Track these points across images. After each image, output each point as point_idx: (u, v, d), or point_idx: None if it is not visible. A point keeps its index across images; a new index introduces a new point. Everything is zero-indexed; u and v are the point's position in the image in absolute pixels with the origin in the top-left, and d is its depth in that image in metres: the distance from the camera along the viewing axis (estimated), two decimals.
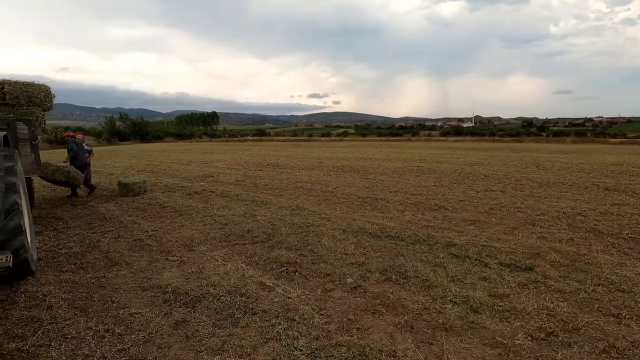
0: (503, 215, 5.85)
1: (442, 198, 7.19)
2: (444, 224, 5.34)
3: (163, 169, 14.18)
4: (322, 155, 20.18)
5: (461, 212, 6.07)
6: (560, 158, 15.38)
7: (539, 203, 6.57)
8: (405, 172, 11.32)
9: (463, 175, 10.31)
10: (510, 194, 7.50)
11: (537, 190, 7.85)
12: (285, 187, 8.96)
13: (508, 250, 4.19)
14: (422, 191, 7.95)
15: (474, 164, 13.34)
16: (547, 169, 11.45)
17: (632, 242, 4.45)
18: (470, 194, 7.51)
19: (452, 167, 12.13)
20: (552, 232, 4.89)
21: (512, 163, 13.26)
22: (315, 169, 12.93)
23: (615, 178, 9.23)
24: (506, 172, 10.81)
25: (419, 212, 6.13)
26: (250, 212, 6.31)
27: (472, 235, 4.79)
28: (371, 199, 7.22)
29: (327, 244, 4.48)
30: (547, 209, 6.09)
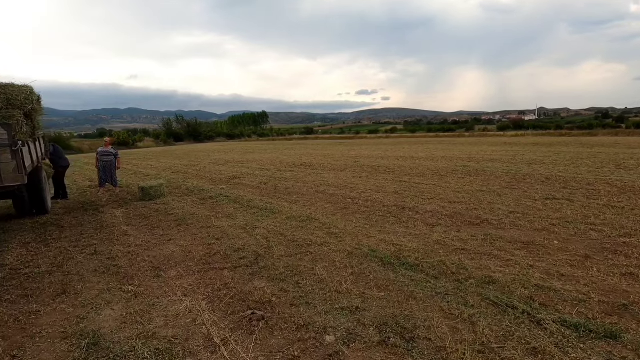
0: (569, 235, 4.41)
1: (488, 208, 5.82)
2: (484, 247, 4.08)
3: (198, 170, 14.12)
4: (362, 154, 19.05)
5: (510, 230, 4.72)
6: None
7: (621, 218, 4.96)
8: (449, 173, 9.87)
9: (518, 177, 8.64)
10: (580, 203, 5.88)
11: (617, 198, 6.11)
12: (306, 191, 8.09)
13: (576, 296, 2.89)
14: (464, 198, 6.59)
15: (534, 162, 11.37)
16: (631, 168, 9.27)
17: None
18: (525, 203, 6.02)
19: (505, 167, 10.39)
20: None
21: (583, 161, 11.08)
22: (347, 169, 11.92)
23: None
24: (575, 173, 8.90)
25: (454, 227, 4.89)
26: (252, 223, 5.52)
27: (522, 266, 3.52)
28: (398, 209, 6.07)
29: (321, 273, 3.51)
30: (634, 227, 4.51)
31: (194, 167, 15.16)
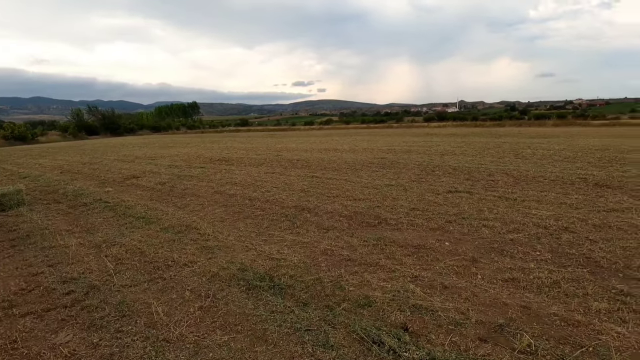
0: (462, 233, 4.16)
1: (390, 205, 5.47)
2: (372, 255, 3.62)
3: (95, 168, 12.19)
4: (288, 146, 18.34)
5: (406, 230, 4.37)
6: (541, 144, 13.88)
7: (512, 211, 4.91)
8: (364, 166, 9.59)
9: (429, 169, 8.63)
10: (478, 196, 5.83)
11: (512, 189, 6.21)
12: (205, 192, 7.13)
13: (453, 317, 2.49)
14: (369, 195, 6.22)
15: (446, 153, 11.69)
16: (527, 157, 9.87)
17: None
18: (427, 198, 5.81)
19: (419, 159, 10.45)
20: (528, 267, 3.22)
21: (489, 151, 11.66)
22: (265, 164, 11.11)
23: (605, 168, 7.68)
24: (479, 163, 9.18)
25: (348, 231, 4.40)
26: (113, 239, 4.48)
27: (406, 278, 3.09)
28: (296, 210, 5.46)
29: (159, 311, 2.70)
30: (522, 222, 4.44)
31: (93, 165, 13.13)
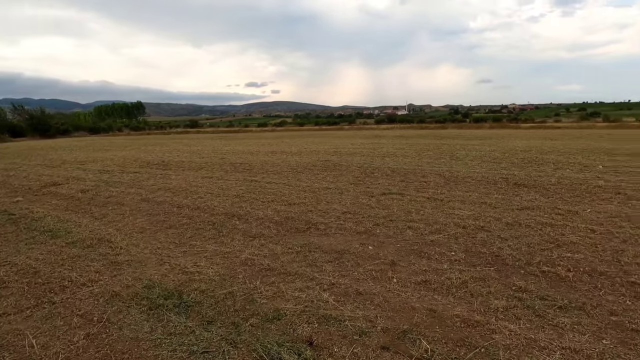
0: (387, 236, 4.21)
1: (324, 209, 5.43)
2: (294, 264, 3.51)
3: (11, 175, 10.83)
4: (235, 149, 17.80)
5: (334, 235, 4.33)
6: (475, 145, 14.82)
7: (437, 212, 5.09)
8: (307, 169, 9.52)
9: (369, 171, 8.77)
10: (409, 197, 5.99)
11: (442, 190, 6.47)
12: (130, 200, 6.59)
13: (360, 326, 2.45)
14: (305, 199, 6.14)
15: (388, 155, 12.02)
16: (460, 158, 10.44)
17: (545, 280, 3.00)
18: (361, 201, 5.86)
19: (362, 161, 10.62)
20: (442, 268, 3.31)
21: (427, 153, 12.18)
22: (205, 168, 10.62)
23: (524, 168, 8.33)
24: (417, 164, 9.53)
25: (275, 238, 4.26)
26: (5, 257, 3.92)
27: (322, 286, 3.02)
28: (226, 217, 5.21)
29: (34, 343, 2.36)
30: (445, 222, 4.60)
31: (8, 172, 11.68)
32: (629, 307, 2.57)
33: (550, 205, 5.17)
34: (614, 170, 7.74)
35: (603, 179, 6.79)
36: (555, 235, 3.98)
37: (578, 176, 7.18)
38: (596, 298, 2.70)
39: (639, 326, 2.34)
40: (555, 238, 3.91)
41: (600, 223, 4.33)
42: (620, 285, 2.88)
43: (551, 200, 5.49)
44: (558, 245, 3.71)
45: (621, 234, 3.95)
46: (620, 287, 2.85)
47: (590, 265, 3.23)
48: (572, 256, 3.43)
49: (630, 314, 2.47)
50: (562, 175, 7.38)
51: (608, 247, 3.60)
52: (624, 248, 3.57)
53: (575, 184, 6.46)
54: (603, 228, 4.14)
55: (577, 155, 10.49)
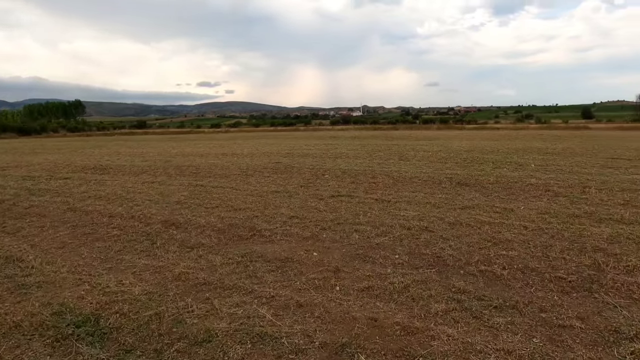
0: (334, 240, 4.11)
1: (271, 214, 5.22)
2: (233, 276, 3.28)
3: None
4: (184, 151, 16.90)
5: (279, 242, 4.14)
6: (424, 145, 15.41)
7: (384, 213, 5.10)
8: (257, 171, 9.23)
9: (319, 173, 8.69)
10: (358, 199, 5.98)
11: (390, 190, 6.55)
12: (53, 210, 5.89)
13: (298, 342, 2.29)
14: (252, 203, 5.88)
15: (340, 156, 12.07)
16: (409, 159, 10.75)
17: (483, 280, 3.07)
18: (310, 205, 5.73)
19: (314, 162, 10.53)
20: (385, 272, 3.26)
21: (378, 154, 12.41)
22: (148, 172, 9.89)
23: (467, 168, 8.74)
24: (368, 165, 9.63)
25: (215, 248, 3.98)
26: None
27: (261, 299, 2.82)
28: (163, 227, 4.81)
29: None
30: (391, 224, 4.61)
31: None
32: (557, 302, 2.67)
33: (489, 204, 5.41)
34: (544, 169, 8.36)
35: (535, 177, 7.29)
36: (493, 234, 4.13)
37: (514, 174, 7.66)
38: (528, 295, 2.79)
39: (565, 322, 2.42)
40: (492, 236, 4.05)
41: (532, 220, 4.59)
42: (549, 280, 3.01)
43: (490, 198, 5.75)
44: (495, 244, 3.84)
45: (550, 229, 4.20)
46: (549, 282, 2.98)
47: (523, 262, 3.36)
48: (507, 254, 3.56)
49: (558, 310, 2.57)
50: (500, 174, 7.82)
51: (539, 243, 3.79)
52: (552, 243, 3.77)
53: (511, 182, 6.86)
54: (534, 225, 4.38)
55: (513, 154, 11.26)
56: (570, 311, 2.55)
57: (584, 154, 10.98)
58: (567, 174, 7.57)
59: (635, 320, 2.42)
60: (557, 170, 8.08)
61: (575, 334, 2.30)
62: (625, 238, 3.84)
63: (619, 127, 31.81)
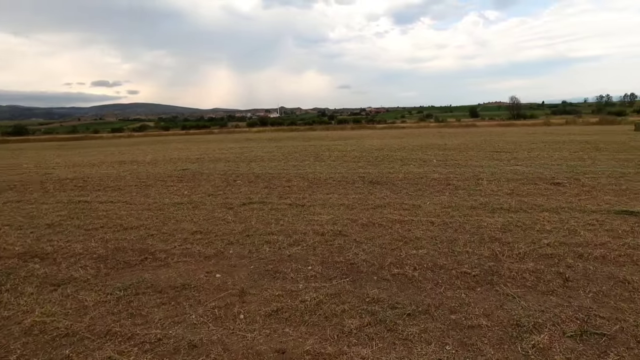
0: (241, 256, 3.67)
1: (169, 232, 4.53)
2: (109, 318, 2.62)
3: None
4: (71, 160, 14.48)
5: (176, 265, 3.55)
6: (338, 145, 15.74)
7: (298, 219, 4.83)
8: (159, 180, 8.20)
9: (231, 179, 8.09)
10: (270, 205, 5.60)
11: (304, 194, 6.32)
12: None
13: None
14: (148, 219, 5.08)
15: (255, 159, 11.55)
16: (324, 159, 10.76)
17: (396, 284, 2.96)
18: (217, 215, 5.17)
19: (226, 168, 9.84)
20: (297, 288, 2.95)
21: (294, 155, 12.22)
22: (15, 189, 8.06)
23: (378, 166, 9.05)
24: (283, 168, 9.32)
25: (94, 280, 3.22)
26: None
27: (144, 344, 2.26)
28: (24, 259, 3.79)
29: None
30: (304, 231, 4.34)
31: None
32: (464, 300, 2.67)
33: (399, 201, 5.53)
34: (444, 163, 9.08)
35: (437, 172, 7.82)
36: (403, 232, 4.15)
37: (419, 170, 8.11)
38: (438, 297, 2.75)
39: (473, 321, 2.40)
40: (403, 235, 4.06)
41: (438, 214, 4.77)
42: (456, 277, 3.04)
43: (399, 196, 5.91)
44: (406, 242, 3.83)
45: (453, 223, 4.39)
46: (456, 279, 3.00)
47: (432, 260, 3.37)
48: (417, 252, 3.56)
49: (466, 309, 2.56)
50: (408, 170, 8.23)
51: (445, 238, 3.90)
52: (456, 237, 3.92)
53: (417, 178, 7.22)
54: (440, 219, 4.55)
55: (418, 151, 12.10)
56: (477, 309, 2.55)
57: (474, 149, 12.33)
58: (463, 168, 8.29)
59: (532, 309, 2.51)
60: (455, 165, 8.82)
61: (483, 333, 2.28)
62: (515, 226, 4.18)
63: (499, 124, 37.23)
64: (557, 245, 3.58)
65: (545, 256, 3.36)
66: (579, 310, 2.49)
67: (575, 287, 2.81)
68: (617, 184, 6.05)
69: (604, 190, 5.71)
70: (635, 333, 2.22)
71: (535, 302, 2.61)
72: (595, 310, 2.47)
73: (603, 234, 3.83)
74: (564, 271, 3.05)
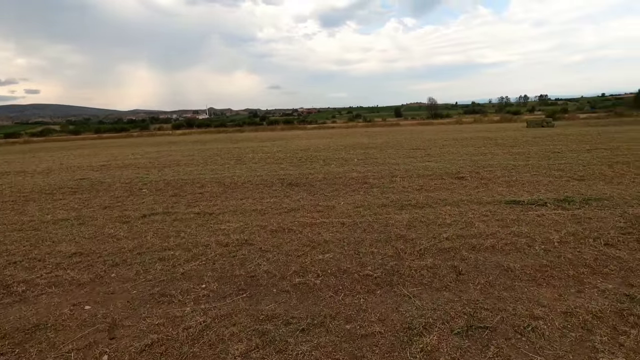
0: (125, 279, 3.16)
1: (40, 256, 3.77)
2: None
3: None
4: None
5: (37, 297, 2.91)
6: (265, 147, 15.36)
7: (203, 230, 4.40)
8: (47, 193, 7.02)
9: (137, 187, 7.25)
10: (175, 216, 5.07)
11: (216, 200, 5.87)
12: None
13: None
14: (15, 242, 4.20)
15: (171, 164, 10.63)
16: (246, 162, 10.31)
17: (296, 295, 2.76)
18: (107, 232, 4.49)
19: (133, 175, 8.85)
20: (181, 314, 2.57)
21: (215, 159, 11.54)
22: None
23: (300, 167, 8.91)
24: (199, 173, 8.68)
25: None
26: None
27: None
28: None
29: None
30: (207, 242, 3.95)
31: None
32: (362, 306, 2.57)
33: (314, 203, 5.40)
34: (364, 162, 9.28)
35: (356, 171, 7.93)
36: (313, 236, 3.99)
37: (339, 170, 8.15)
38: (336, 305, 2.61)
39: (367, 329, 2.30)
40: (312, 239, 3.90)
41: (349, 214, 4.73)
42: (357, 281, 2.94)
43: (315, 197, 5.79)
44: (313, 247, 3.68)
45: (363, 222, 4.37)
46: (357, 284, 2.91)
47: (337, 264, 3.25)
48: (323, 257, 3.42)
49: (362, 316, 2.45)
50: (328, 170, 8.21)
51: (352, 240, 3.83)
52: (364, 237, 3.87)
53: (336, 178, 7.21)
54: (351, 220, 4.50)
55: (342, 151, 12.28)
56: (373, 314, 2.46)
57: (394, 147, 12.91)
58: (381, 166, 8.54)
59: (425, 308, 2.50)
60: (374, 163, 9.07)
61: (375, 342, 2.17)
62: (419, 222, 4.30)
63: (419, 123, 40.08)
64: (455, 239, 3.72)
65: (443, 250, 3.45)
66: (467, 304, 2.53)
67: (466, 279, 2.89)
68: (509, 176, 6.68)
69: (498, 182, 6.25)
70: (513, 322, 2.30)
71: (429, 300, 2.61)
72: (481, 303, 2.54)
73: (494, 224, 4.10)
74: (458, 264, 3.14)
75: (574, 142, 11.75)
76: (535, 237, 3.65)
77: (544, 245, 3.47)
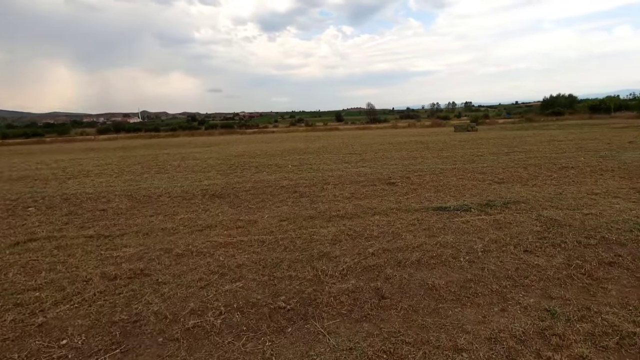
0: None
1: None
2: None
3: None
4: None
5: None
6: (197, 153, 14.30)
7: (89, 259, 3.60)
8: None
9: (24, 205, 6.03)
10: (59, 242, 4.15)
11: (119, 219, 5.02)
12: None
13: None
14: None
15: (78, 175, 9.25)
16: (169, 171, 9.34)
17: (187, 344, 2.21)
18: None
19: (24, 190, 7.45)
20: None
21: (134, 168, 10.32)
22: None
23: (229, 175, 8.25)
24: (109, 186, 7.58)
25: None
26: None
27: None
28: None
29: None
30: (90, 276, 3.18)
31: None
32: (265, 355, 2.10)
33: (235, 217, 4.84)
34: (298, 168, 8.90)
35: (288, 179, 7.49)
36: (225, 259, 3.45)
37: (270, 178, 7.65)
38: (234, 355, 2.11)
39: None
40: (222, 263, 3.36)
41: (271, 230, 4.26)
42: (265, 317, 2.47)
43: (238, 210, 5.23)
44: (222, 275, 3.14)
45: (284, 239, 3.92)
46: (264, 321, 2.44)
47: (246, 296, 2.76)
48: (231, 287, 2.90)
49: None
50: (258, 178, 7.67)
51: (269, 261, 3.36)
52: (283, 258, 3.43)
53: (265, 187, 6.71)
54: (272, 237, 4.03)
55: (278, 156, 11.79)
56: None
57: (331, 151, 12.76)
58: (314, 172, 8.21)
59: (340, 349, 2.11)
60: (308, 169, 8.72)
61: None
62: (345, 235, 3.97)
63: (358, 128, 41.11)
64: (381, 253, 3.44)
65: (367, 269, 3.14)
66: (388, 337, 2.20)
67: (388, 305, 2.57)
68: (437, 180, 6.75)
69: (427, 187, 6.25)
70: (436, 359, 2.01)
71: (346, 337, 2.23)
72: (403, 334, 2.22)
73: (421, 234, 3.92)
74: (381, 286, 2.83)
75: (494, 146, 12.61)
76: (460, 247, 3.51)
77: (469, 255, 3.33)
